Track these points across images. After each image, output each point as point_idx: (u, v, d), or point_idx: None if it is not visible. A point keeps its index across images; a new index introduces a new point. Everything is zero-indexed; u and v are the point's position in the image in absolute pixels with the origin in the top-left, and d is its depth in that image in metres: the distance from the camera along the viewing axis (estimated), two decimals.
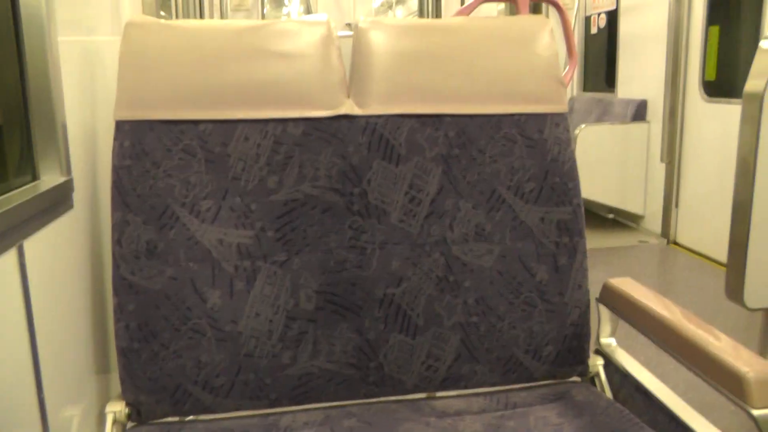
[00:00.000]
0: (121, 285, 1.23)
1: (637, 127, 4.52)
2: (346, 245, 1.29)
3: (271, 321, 1.26)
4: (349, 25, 5.37)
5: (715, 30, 3.99)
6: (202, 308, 1.24)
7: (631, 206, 4.63)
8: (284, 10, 8.70)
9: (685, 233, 4.27)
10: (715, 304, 3.06)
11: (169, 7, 2.72)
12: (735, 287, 1.78)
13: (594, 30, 5.33)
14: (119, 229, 1.23)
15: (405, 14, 9.40)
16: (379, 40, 1.34)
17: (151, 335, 1.23)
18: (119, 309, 1.23)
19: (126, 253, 1.23)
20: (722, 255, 1.84)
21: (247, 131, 1.26)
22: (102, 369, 1.47)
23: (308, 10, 5.34)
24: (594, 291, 1.38)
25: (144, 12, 1.96)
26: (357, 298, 1.29)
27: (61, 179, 1.21)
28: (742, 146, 1.76)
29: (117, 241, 1.23)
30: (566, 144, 1.37)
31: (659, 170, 4.37)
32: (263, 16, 5.65)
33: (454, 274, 1.32)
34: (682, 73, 4.13)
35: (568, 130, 1.38)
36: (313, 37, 1.32)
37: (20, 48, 1.17)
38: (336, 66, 1.31)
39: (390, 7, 9.26)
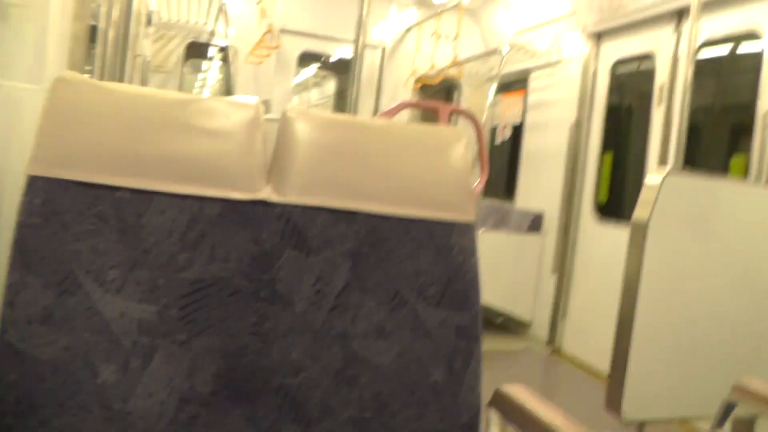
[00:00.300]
0: (6, 352, 1.14)
1: (532, 238, 4.74)
2: (249, 331, 1.26)
3: (163, 402, 1.20)
4: (266, 101, 5.41)
5: (609, 156, 4.34)
6: (92, 383, 1.17)
7: (521, 313, 4.79)
8: (200, 75, 8.69)
9: (570, 343, 4.45)
10: (597, 413, 3.18)
11: (92, 60, 2.68)
12: (614, 400, 1.87)
13: (499, 140, 5.64)
14: (14, 290, 1.15)
15: (318, 97, 9.62)
16: (304, 131, 1.36)
17: (30, 410, 1.14)
18: None
19: (18, 317, 1.14)
20: (605, 366, 1.96)
21: (164, 204, 1.24)
22: None
23: (227, 78, 5.37)
24: (484, 394, 1.40)
25: (69, 65, 1.92)
26: (254, 386, 1.26)
27: None
28: (628, 269, 1.90)
29: (9, 303, 1.14)
30: (471, 253, 1.41)
31: (550, 281, 4.58)
32: (182, 79, 5.62)
33: (352, 368, 1.31)
34: (577, 192, 4.43)
35: (474, 240, 1.43)
36: (240, 118, 1.33)
37: None
38: (259, 151, 1.32)
39: (306, 88, 9.45)
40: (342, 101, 7.43)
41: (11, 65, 1.50)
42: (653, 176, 1.95)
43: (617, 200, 4.30)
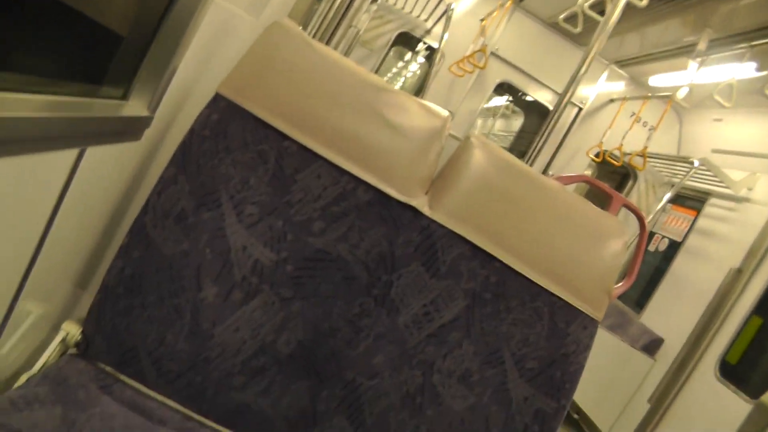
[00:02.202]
0: (138, 230, 1.22)
1: (643, 359, 4.44)
2: (347, 318, 1.28)
3: (245, 342, 1.24)
4: (451, 113, 5.43)
5: (757, 320, 3.97)
6: (193, 294, 1.23)
7: (600, 423, 4.51)
8: (399, 64, 8.85)
9: None
10: None
11: (312, 14, 2.78)
12: None
13: (652, 248, 5.36)
14: (165, 182, 1.23)
15: (500, 128, 9.53)
16: (479, 161, 1.35)
17: (138, 290, 1.22)
18: (125, 249, 1.22)
19: (159, 206, 1.23)
20: None
21: (323, 171, 1.27)
22: (80, 284, 1.47)
23: (424, 77, 5.43)
24: None
25: (291, 11, 2.00)
26: (329, 368, 1.27)
27: (145, 113, 1.23)
28: None
29: (157, 192, 1.23)
30: (584, 348, 1.36)
31: (641, 408, 4.29)
32: (382, 61, 5.76)
33: (423, 397, 1.30)
34: (706, 339, 4.08)
35: (592, 337, 1.37)
36: (426, 124, 1.33)
37: None
38: (431, 162, 1.33)
39: (492, 115, 9.39)
40: (522, 141, 7.32)
41: None
42: None
43: (748, 368, 3.93)
